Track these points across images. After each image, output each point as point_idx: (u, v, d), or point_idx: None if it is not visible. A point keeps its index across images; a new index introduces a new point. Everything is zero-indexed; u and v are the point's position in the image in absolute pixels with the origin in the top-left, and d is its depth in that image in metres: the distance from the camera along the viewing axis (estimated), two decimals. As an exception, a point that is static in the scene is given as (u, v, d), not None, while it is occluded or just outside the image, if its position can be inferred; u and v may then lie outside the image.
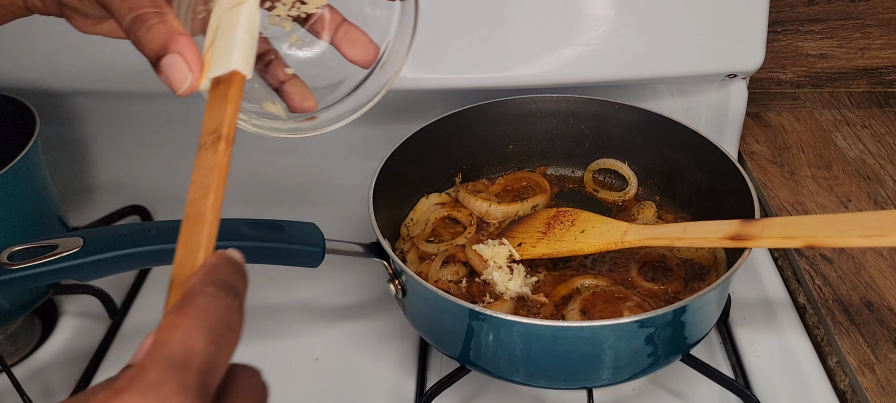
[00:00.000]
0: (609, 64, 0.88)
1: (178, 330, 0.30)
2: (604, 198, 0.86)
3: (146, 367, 0.28)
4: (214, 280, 0.33)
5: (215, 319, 0.31)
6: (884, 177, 0.94)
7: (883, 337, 0.72)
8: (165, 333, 0.30)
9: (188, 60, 0.43)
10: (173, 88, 0.44)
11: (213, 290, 0.32)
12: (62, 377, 0.75)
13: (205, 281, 0.33)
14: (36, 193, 0.76)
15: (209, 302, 0.31)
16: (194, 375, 0.28)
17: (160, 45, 0.43)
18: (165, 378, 0.28)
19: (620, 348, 0.60)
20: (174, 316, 0.30)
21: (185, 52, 0.43)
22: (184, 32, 0.43)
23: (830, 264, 0.80)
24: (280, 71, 0.55)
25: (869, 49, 1.08)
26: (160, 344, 0.29)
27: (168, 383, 0.28)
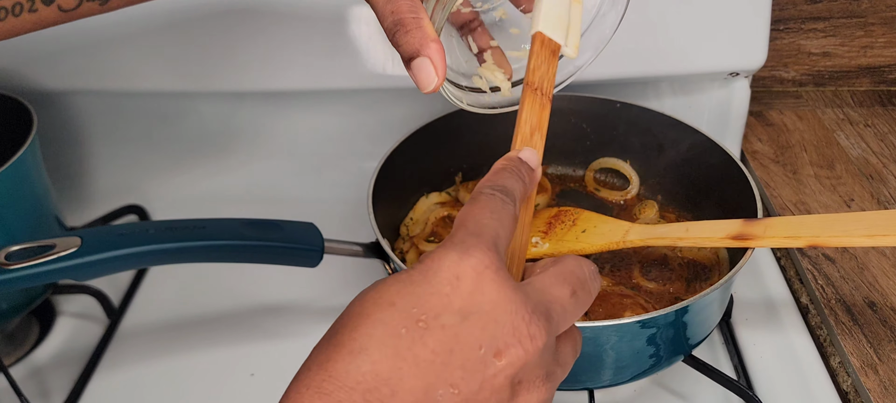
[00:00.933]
0: (611, 62, 0.87)
1: (469, 215, 0.40)
2: (605, 197, 0.85)
3: (453, 234, 0.38)
4: (493, 184, 0.42)
5: (494, 206, 0.40)
6: (887, 176, 0.93)
7: (886, 338, 0.71)
8: (462, 218, 0.40)
9: (436, 65, 0.49)
10: (420, 87, 0.50)
11: (491, 190, 0.41)
12: (60, 377, 0.74)
13: (486, 183, 0.42)
14: (33, 193, 0.75)
15: (487, 198, 0.41)
16: (486, 237, 0.38)
17: (415, 48, 0.49)
18: (465, 238, 0.38)
19: (622, 348, 0.60)
20: (469, 206, 0.41)
21: (434, 57, 0.49)
22: (436, 39, 0.49)
23: (833, 264, 0.80)
24: (483, 39, 0.60)
25: (872, 47, 1.08)
26: (460, 224, 0.39)
27: (468, 240, 0.38)
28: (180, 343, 0.78)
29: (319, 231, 0.68)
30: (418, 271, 0.37)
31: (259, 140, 0.99)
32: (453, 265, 0.36)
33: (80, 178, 1.00)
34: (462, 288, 0.36)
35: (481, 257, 0.37)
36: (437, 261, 0.37)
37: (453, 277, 0.36)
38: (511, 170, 0.44)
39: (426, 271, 0.37)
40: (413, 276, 0.37)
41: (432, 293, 0.36)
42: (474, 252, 0.37)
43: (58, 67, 0.89)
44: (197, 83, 0.90)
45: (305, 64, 0.89)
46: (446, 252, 0.37)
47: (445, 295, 0.36)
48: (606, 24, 0.58)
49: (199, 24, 0.87)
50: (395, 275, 0.37)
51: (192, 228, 0.64)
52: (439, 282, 0.36)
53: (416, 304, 0.35)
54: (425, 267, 0.37)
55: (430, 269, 0.37)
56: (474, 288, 0.36)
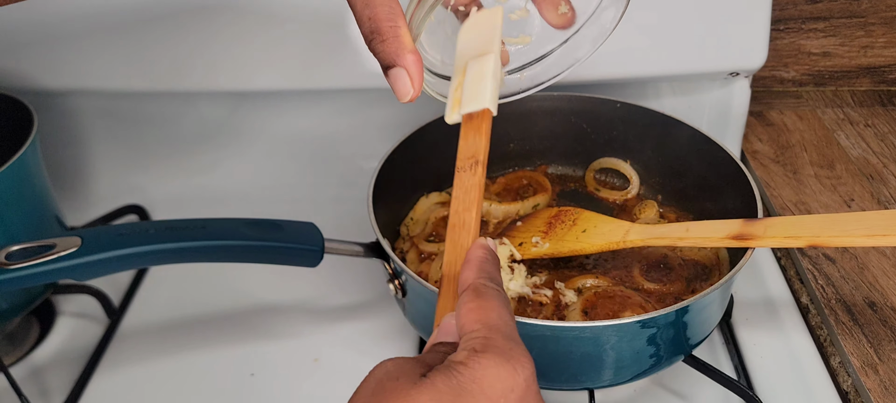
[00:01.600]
0: (611, 62, 0.87)
1: (494, 312, 0.39)
2: (605, 197, 0.85)
3: (490, 337, 0.38)
4: (488, 275, 0.42)
5: (504, 301, 0.41)
6: (887, 176, 0.93)
7: (886, 338, 0.71)
8: (485, 314, 0.39)
9: (412, 75, 0.49)
10: (397, 96, 0.50)
11: (490, 282, 0.42)
12: (60, 377, 0.74)
13: (481, 276, 0.42)
14: (34, 192, 0.75)
15: (493, 291, 0.41)
16: (518, 340, 0.39)
17: (391, 58, 0.48)
18: (507, 344, 0.38)
19: (622, 348, 0.60)
20: (482, 301, 0.40)
21: (410, 67, 0.48)
22: (412, 49, 0.49)
23: (833, 264, 0.80)
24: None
25: (872, 47, 1.08)
26: (488, 323, 0.39)
27: (512, 347, 0.37)
28: (180, 343, 0.78)
29: (319, 231, 0.68)
30: (469, 379, 0.36)
31: (259, 140, 0.99)
32: (509, 377, 0.36)
33: (81, 178, 1.00)
34: (513, 399, 0.36)
35: (531, 369, 0.37)
36: (491, 371, 0.36)
37: (508, 389, 0.36)
38: (494, 263, 0.44)
39: (480, 381, 0.36)
40: (465, 385, 0.36)
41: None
42: (525, 364, 0.37)
43: (58, 67, 0.89)
44: (197, 83, 0.90)
45: (306, 64, 0.89)
46: (500, 362, 0.36)
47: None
48: (606, 18, 0.58)
49: (200, 25, 0.87)
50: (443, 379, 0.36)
51: (192, 228, 0.64)
52: (495, 394, 0.36)
53: None
54: (477, 375, 0.36)
55: (485, 379, 0.36)
56: (524, 400, 0.37)
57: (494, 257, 0.45)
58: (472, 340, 0.38)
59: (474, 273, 0.42)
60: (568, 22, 0.59)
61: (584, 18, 0.59)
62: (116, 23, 0.87)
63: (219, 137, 0.99)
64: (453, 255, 0.46)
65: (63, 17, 0.86)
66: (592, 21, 0.59)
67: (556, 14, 0.59)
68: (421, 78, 0.49)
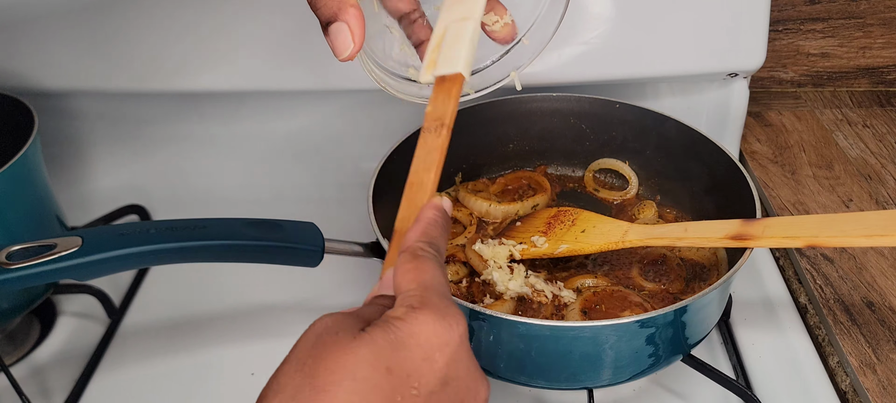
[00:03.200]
0: (610, 63, 0.88)
1: (428, 273, 0.40)
2: (604, 197, 0.85)
3: (425, 295, 0.39)
4: (429, 239, 0.43)
5: (440, 267, 0.42)
6: (885, 176, 0.94)
7: (884, 337, 0.71)
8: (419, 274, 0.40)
9: (353, 31, 0.48)
10: (335, 53, 0.49)
11: (428, 247, 0.42)
12: (60, 377, 0.75)
13: (422, 238, 0.43)
14: (34, 192, 0.75)
15: (429, 255, 0.42)
16: (450, 298, 0.39)
17: (332, 12, 0.47)
18: (443, 302, 0.38)
19: (621, 348, 0.60)
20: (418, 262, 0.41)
21: (352, 23, 0.47)
22: (355, 4, 0.47)
23: (832, 264, 0.80)
24: (422, 31, 0.59)
25: (870, 48, 1.08)
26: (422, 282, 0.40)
27: (448, 306, 0.38)
28: (180, 343, 0.78)
29: (320, 231, 0.68)
30: (407, 333, 0.37)
31: (259, 140, 1.00)
32: (444, 332, 0.37)
33: (81, 178, 1.00)
34: (448, 353, 0.37)
35: (464, 325, 0.39)
36: (427, 326, 0.37)
37: (443, 344, 0.37)
38: (441, 224, 0.45)
39: (417, 335, 0.37)
40: (402, 339, 0.37)
41: (423, 358, 0.37)
42: (459, 320, 0.39)
43: (58, 67, 0.89)
44: (197, 83, 0.90)
45: (306, 64, 0.89)
46: (435, 318, 0.38)
47: (434, 361, 0.37)
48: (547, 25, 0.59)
49: (200, 25, 0.87)
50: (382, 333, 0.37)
51: (192, 228, 0.64)
52: (431, 348, 0.37)
53: (411, 373, 0.36)
54: (414, 330, 0.37)
55: (422, 334, 0.37)
56: (457, 356, 0.38)
57: (444, 219, 0.45)
58: (408, 298, 0.39)
59: (417, 235, 0.43)
60: (509, 35, 0.60)
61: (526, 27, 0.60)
62: (117, 23, 0.87)
63: (219, 137, 0.99)
64: (407, 212, 0.46)
65: (63, 17, 0.86)
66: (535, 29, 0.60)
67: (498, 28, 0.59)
68: (362, 34, 0.48)
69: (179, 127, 0.98)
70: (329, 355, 0.35)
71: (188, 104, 0.96)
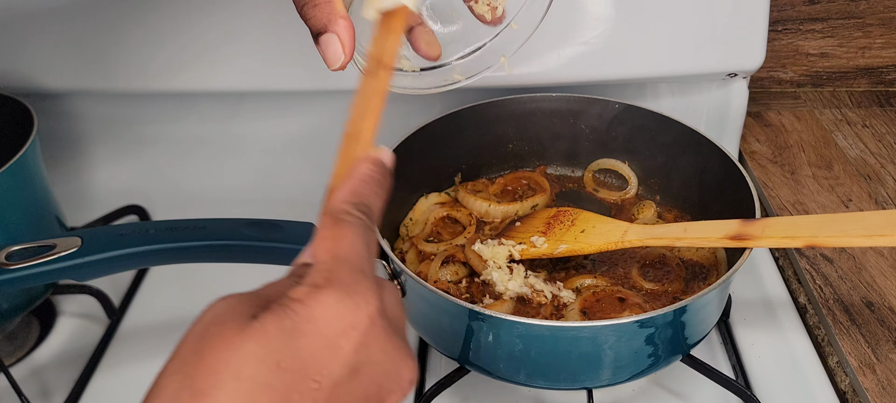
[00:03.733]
0: (609, 63, 0.88)
1: (344, 241, 0.36)
2: (604, 197, 0.85)
3: (334, 269, 0.34)
4: (356, 199, 0.39)
5: (366, 233, 0.38)
6: (884, 176, 0.94)
7: (884, 337, 0.71)
8: (335, 243, 0.36)
9: (343, 42, 0.47)
10: (327, 63, 0.48)
11: (353, 209, 0.38)
12: (60, 377, 0.75)
13: (349, 199, 0.39)
14: (34, 193, 0.75)
15: (352, 220, 0.38)
16: (369, 273, 0.35)
17: (322, 24, 0.47)
18: (353, 277, 0.34)
19: (620, 348, 0.60)
20: (337, 229, 0.37)
21: (342, 34, 0.47)
22: (345, 15, 0.47)
23: (831, 264, 0.80)
24: (412, 17, 0.58)
25: (870, 48, 1.08)
26: (336, 253, 0.35)
27: (359, 281, 0.34)
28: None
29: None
30: (305, 318, 0.32)
31: (259, 140, 0.99)
32: (349, 313, 0.33)
33: (81, 178, 1.00)
34: (356, 337, 0.33)
35: (376, 304, 0.34)
36: (330, 308, 0.33)
37: (349, 327, 0.33)
38: (377, 181, 0.41)
39: (316, 320, 0.32)
40: (300, 325, 0.32)
41: (326, 345, 0.32)
42: (370, 298, 0.34)
43: (58, 67, 0.89)
44: (197, 83, 0.90)
45: (306, 64, 0.89)
46: (339, 297, 0.33)
47: (340, 348, 0.32)
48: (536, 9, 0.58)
49: (200, 25, 0.87)
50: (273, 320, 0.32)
51: (192, 228, 0.64)
52: (334, 333, 0.32)
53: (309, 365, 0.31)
54: (314, 314, 0.32)
55: (323, 318, 0.32)
56: (369, 338, 0.34)
57: (380, 174, 0.41)
58: (316, 273, 0.35)
59: (344, 194, 0.39)
60: (498, 18, 0.59)
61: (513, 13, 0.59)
62: (117, 24, 0.87)
63: (219, 137, 0.99)
64: (341, 169, 0.42)
65: (63, 17, 0.86)
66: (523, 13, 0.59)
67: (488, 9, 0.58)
68: (352, 45, 0.47)
69: (179, 127, 0.98)
70: (211, 352, 0.31)
71: (188, 104, 0.96)
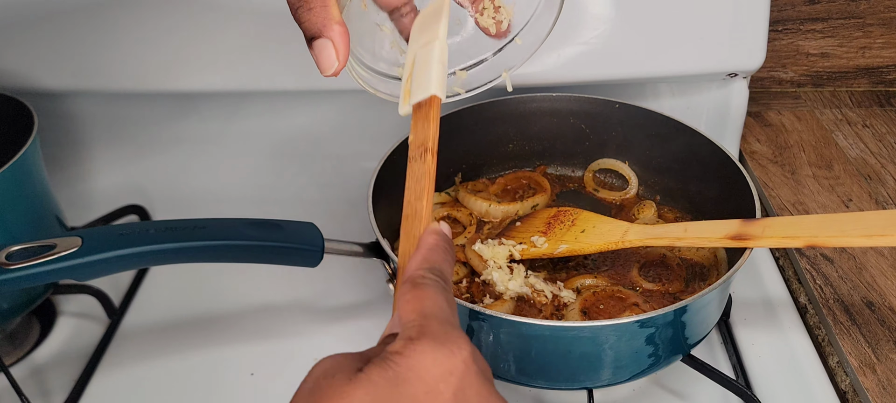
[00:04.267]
0: (609, 63, 0.88)
1: (429, 301, 0.39)
2: (604, 197, 0.85)
3: (426, 326, 0.37)
4: (430, 264, 0.42)
5: (446, 293, 0.41)
6: (885, 176, 0.94)
7: (884, 337, 0.71)
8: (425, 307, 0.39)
9: (337, 48, 0.47)
10: (320, 69, 0.48)
11: (428, 273, 0.41)
12: (60, 377, 0.75)
13: (422, 266, 0.42)
14: (34, 193, 0.75)
15: (430, 281, 0.41)
16: (457, 326, 0.39)
17: (317, 28, 0.47)
18: (443, 328, 0.37)
19: (621, 348, 0.60)
20: (418, 291, 0.40)
21: (336, 39, 0.47)
22: (340, 21, 0.47)
23: (831, 264, 0.80)
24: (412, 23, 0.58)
25: (870, 48, 1.08)
26: (426, 314, 0.38)
27: (449, 331, 0.37)
28: (180, 343, 0.78)
29: (319, 231, 0.68)
30: (405, 368, 0.35)
31: (259, 140, 1.00)
32: (445, 360, 0.36)
33: (81, 178, 1.00)
34: (454, 383, 0.35)
35: (468, 350, 0.37)
36: (427, 356, 0.36)
37: (447, 373, 0.36)
38: (444, 249, 0.44)
39: (416, 368, 0.35)
40: (402, 374, 0.35)
41: (427, 391, 0.35)
42: (463, 345, 0.37)
43: (58, 67, 0.89)
44: (197, 83, 0.90)
45: (306, 64, 0.88)
46: (435, 347, 0.36)
47: (440, 394, 0.35)
48: (541, 26, 0.59)
49: (200, 25, 0.87)
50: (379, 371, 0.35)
51: (192, 228, 0.64)
52: (433, 379, 0.35)
53: None
54: (413, 363, 0.35)
55: (422, 366, 0.35)
56: (466, 383, 0.36)
57: (445, 243, 0.44)
58: (408, 329, 0.37)
59: (417, 263, 0.42)
60: (503, 32, 0.59)
61: (520, 26, 0.59)
62: (116, 23, 0.87)
63: (219, 137, 0.99)
64: (407, 246, 0.45)
65: (63, 17, 0.86)
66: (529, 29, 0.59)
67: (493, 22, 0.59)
68: (346, 51, 0.47)
69: (179, 127, 0.98)
70: (325, 400, 0.34)
71: (188, 104, 0.96)
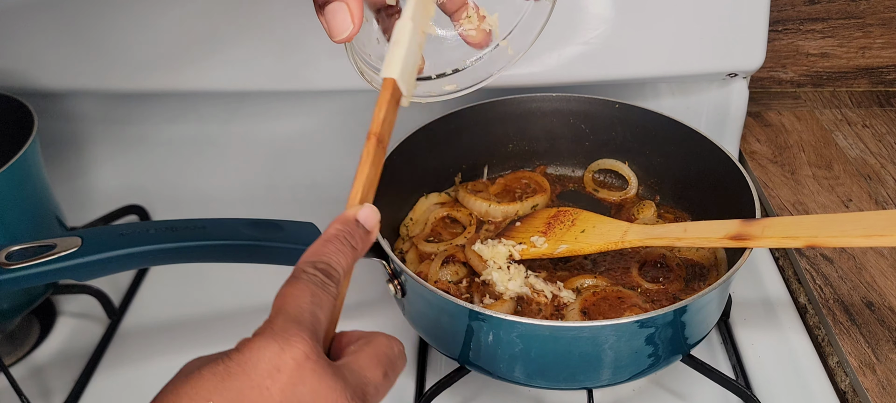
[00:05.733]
0: (609, 63, 0.88)
1: (290, 298, 0.39)
2: (604, 197, 0.85)
3: (272, 321, 0.38)
4: (316, 261, 0.42)
5: (314, 290, 0.40)
6: (885, 176, 0.94)
7: (884, 337, 0.71)
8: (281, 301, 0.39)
9: (352, 11, 0.45)
10: (332, 33, 0.46)
11: (313, 271, 0.41)
12: (60, 377, 0.75)
13: (310, 258, 0.42)
14: (34, 193, 0.75)
15: (306, 276, 0.41)
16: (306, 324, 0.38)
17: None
18: (286, 325, 0.37)
19: (620, 348, 0.60)
20: (288, 286, 0.40)
21: (351, 1, 0.45)
22: None
23: (831, 264, 0.80)
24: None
25: (870, 48, 1.08)
26: (279, 308, 0.39)
27: (288, 328, 0.37)
28: (180, 343, 0.78)
29: (319, 231, 0.68)
30: (236, 362, 0.37)
31: (259, 140, 1.00)
32: (274, 356, 0.36)
33: (81, 178, 1.00)
34: (282, 379, 0.36)
35: (302, 347, 0.37)
36: (256, 352, 0.37)
37: (274, 369, 0.36)
38: (342, 239, 0.43)
39: (245, 363, 0.36)
40: (231, 368, 0.36)
41: (252, 386, 0.36)
42: (295, 342, 0.37)
43: (58, 67, 0.89)
44: (196, 83, 0.90)
45: (306, 64, 0.89)
46: (266, 342, 0.37)
47: (266, 389, 0.36)
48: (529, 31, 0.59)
49: (200, 25, 0.87)
50: (211, 367, 0.37)
51: (192, 228, 0.64)
52: (259, 375, 0.36)
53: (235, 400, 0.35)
54: (244, 358, 0.37)
55: (249, 361, 0.37)
56: (296, 379, 0.36)
57: (349, 231, 0.44)
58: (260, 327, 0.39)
59: (306, 254, 0.42)
60: (483, 41, 0.59)
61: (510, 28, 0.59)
62: (116, 23, 0.87)
63: (219, 137, 0.99)
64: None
65: (63, 17, 0.87)
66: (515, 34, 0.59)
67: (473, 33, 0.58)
68: (361, 14, 0.45)
69: (179, 127, 0.98)
70: (163, 396, 0.37)
71: (188, 104, 0.96)
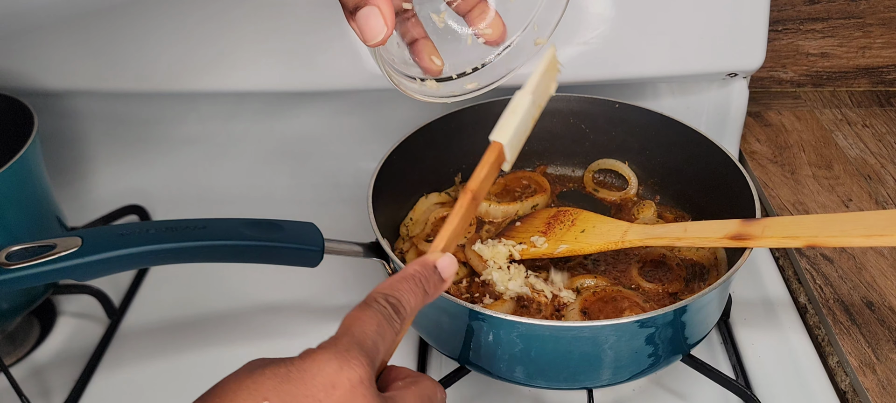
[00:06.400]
0: (610, 63, 0.88)
1: (357, 322, 0.41)
2: (604, 197, 0.85)
3: (337, 339, 0.40)
4: (388, 295, 0.43)
5: (381, 321, 0.42)
6: (885, 176, 0.94)
7: (884, 337, 0.71)
8: (349, 323, 0.41)
9: (384, 14, 0.45)
10: (365, 38, 0.46)
11: (384, 303, 0.43)
12: (60, 377, 0.75)
13: (384, 289, 0.44)
14: (34, 193, 0.75)
15: (376, 307, 0.42)
16: (367, 350, 0.40)
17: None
18: (349, 347, 0.39)
19: (621, 348, 0.60)
20: (359, 311, 0.42)
21: (383, 6, 0.45)
22: None
23: (831, 264, 0.80)
24: (415, 28, 0.58)
25: (870, 48, 1.08)
26: (346, 329, 0.41)
27: (351, 349, 0.39)
28: (180, 343, 0.78)
29: (319, 231, 0.68)
30: (297, 368, 0.38)
31: (259, 140, 1.00)
32: (333, 373, 0.38)
33: (81, 178, 1.01)
34: (335, 396, 0.38)
35: (360, 371, 0.39)
36: (317, 364, 0.38)
37: (330, 385, 0.38)
38: (418, 280, 0.45)
39: (305, 371, 0.38)
40: (292, 373, 0.38)
41: (307, 395, 0.37)
42: (355, 365, 0.39)
43: (58, 67, 0.89)
44: (197, 83, 0.90)
45: (306, 64, 0.89)
46: (328, 358, 0.39)
47: (319, 401, 0.38)
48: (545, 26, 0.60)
49: (200, 25, 0.87)
50: (273, 368, 0.38)
51: (192, 228, 0.64)
52: (316, 387, 0.38)
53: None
54: (305, 366, 0.38)
55: (310, 371, 0.38)
56: (348, 400, 0.38)
57: (423, 274, 0.45)
58: (325, 341, 0.41)
59: (383, 286, 0.44)
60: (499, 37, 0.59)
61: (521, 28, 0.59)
62: (117, 23, 0.87)
63: (219, 138, 0.99)
64: None
65: (63, 17, 0.86)
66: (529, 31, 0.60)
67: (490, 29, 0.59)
68: (393, 18, 0.46)
69: (179, 127, 0.98)
70: (226, 384, 0.39)
71: (188, 104, 0.96)
